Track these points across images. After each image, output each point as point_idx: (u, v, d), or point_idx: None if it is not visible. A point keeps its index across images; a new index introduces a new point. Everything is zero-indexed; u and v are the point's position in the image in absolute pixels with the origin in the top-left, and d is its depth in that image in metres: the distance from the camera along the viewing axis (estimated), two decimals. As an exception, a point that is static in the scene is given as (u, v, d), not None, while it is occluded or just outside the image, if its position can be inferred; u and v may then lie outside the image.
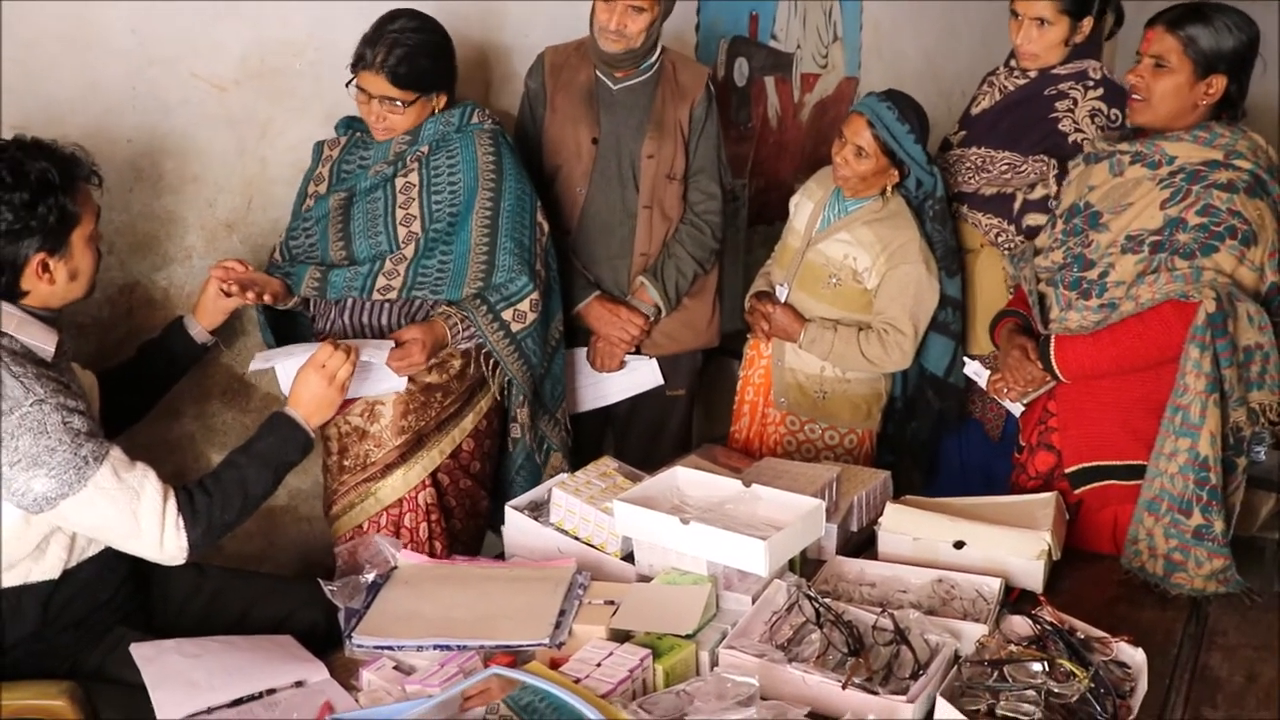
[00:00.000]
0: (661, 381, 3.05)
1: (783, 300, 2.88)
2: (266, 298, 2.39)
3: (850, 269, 2.79)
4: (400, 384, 2.43)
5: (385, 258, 2.47)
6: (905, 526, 2.18)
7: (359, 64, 2.42)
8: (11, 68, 2.24)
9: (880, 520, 2.22)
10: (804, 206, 2.92)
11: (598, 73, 2.90)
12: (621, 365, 2.99)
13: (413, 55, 2.40)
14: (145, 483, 1.89)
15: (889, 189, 2.78)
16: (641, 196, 2.91)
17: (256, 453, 2.08)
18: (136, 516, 1.88)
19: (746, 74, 4.04)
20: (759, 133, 4.16)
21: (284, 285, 2.47)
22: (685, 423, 3.19)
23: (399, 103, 2.44)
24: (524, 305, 2.51)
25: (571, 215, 2.93)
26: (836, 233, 2.82)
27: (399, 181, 2.50)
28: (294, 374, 2.21)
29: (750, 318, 2.95)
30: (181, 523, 1.92)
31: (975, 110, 3.06)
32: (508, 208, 2.51)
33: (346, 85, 2.46)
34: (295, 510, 2.97)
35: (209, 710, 1.69)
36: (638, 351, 3.01)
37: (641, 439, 3.12)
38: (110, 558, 2.01)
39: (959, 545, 2.12)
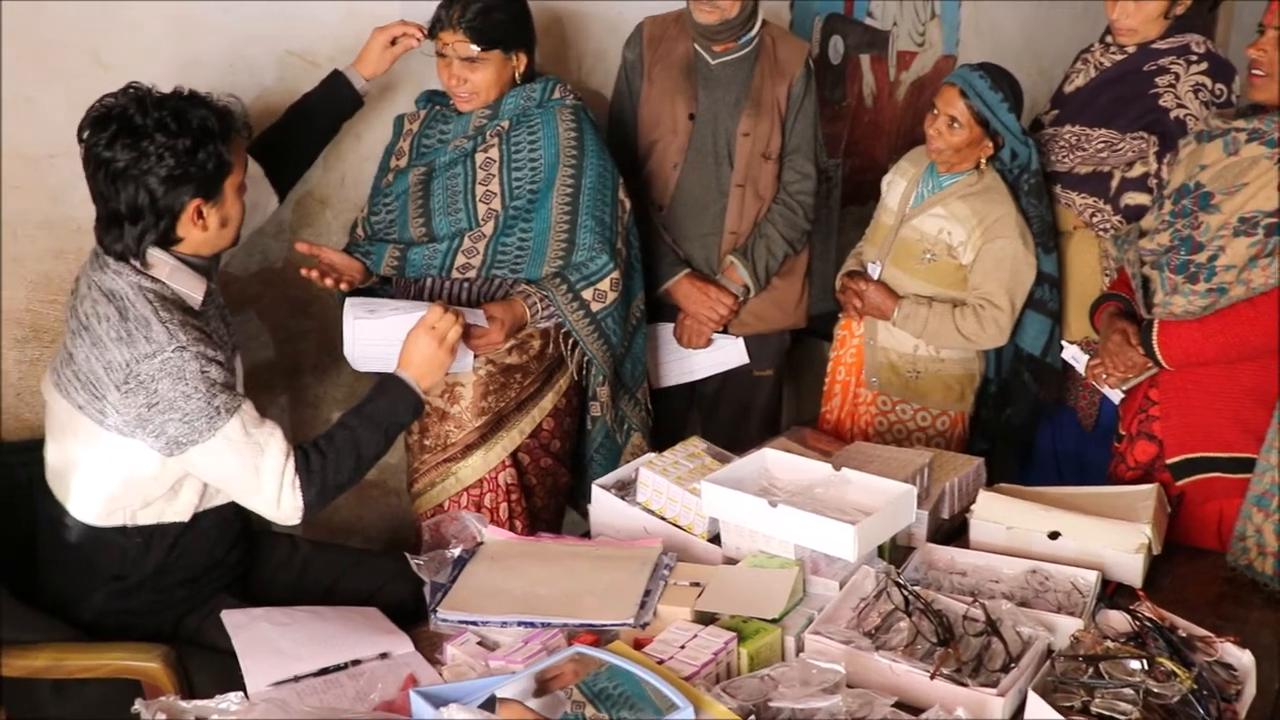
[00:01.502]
0: (747, 361, 3.02)
1: (875, 278, 2.84)
2: (344, 285, 2.41)
3: (945, 244, 2.74)
4: (470, 363, 2.41)
5: (464, 235, 2.47)
6: (998, 515, 2.12)
7: (436, 26, 2.42)
8: (118, 47, 2.29)
9: (973, 508, 2.17)
10: (897, 184, 2.88)
11: (696, 46, 2.86)
12: (708, 343, 2.97)
13: (488, 10, 2.39)
14: (271, 440, 1.93)
15: (983, 162, 2.73)
16: (735, 174, 2.87)
17: (368, 414, 2.09)
18: (259, 472, 1.92)
19: (841, 52, 3.98)
20: (853, 112, 4.09)
21: (363, 268, 2.49)
22: (773, 404, 3.15)
23: (477, 61, 2.42)
24: (604, 284, 2.49)
25: (665, 191, 2.90)
26: (931, 208, 2.77)
27: (479, 157, 2.49)
28: (364, 334, 2.23)
29: (842, 296, 2.91)
30: (298, 483, 1.95)
31: (1069, 88, 2.97)
32: (589, 185, 2.49)
33: (428, 35, 2.45)
34: (384, 484, 3.01)
35: (295, 678, 1.71)
36: (725, 330, 2.98)
37: (728, 419, 3.09)
38: (230, 515, 2.07)
39: (1054, 536, 2.05)
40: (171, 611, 2.03)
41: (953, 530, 2.25)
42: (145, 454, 1.91)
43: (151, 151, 1.86)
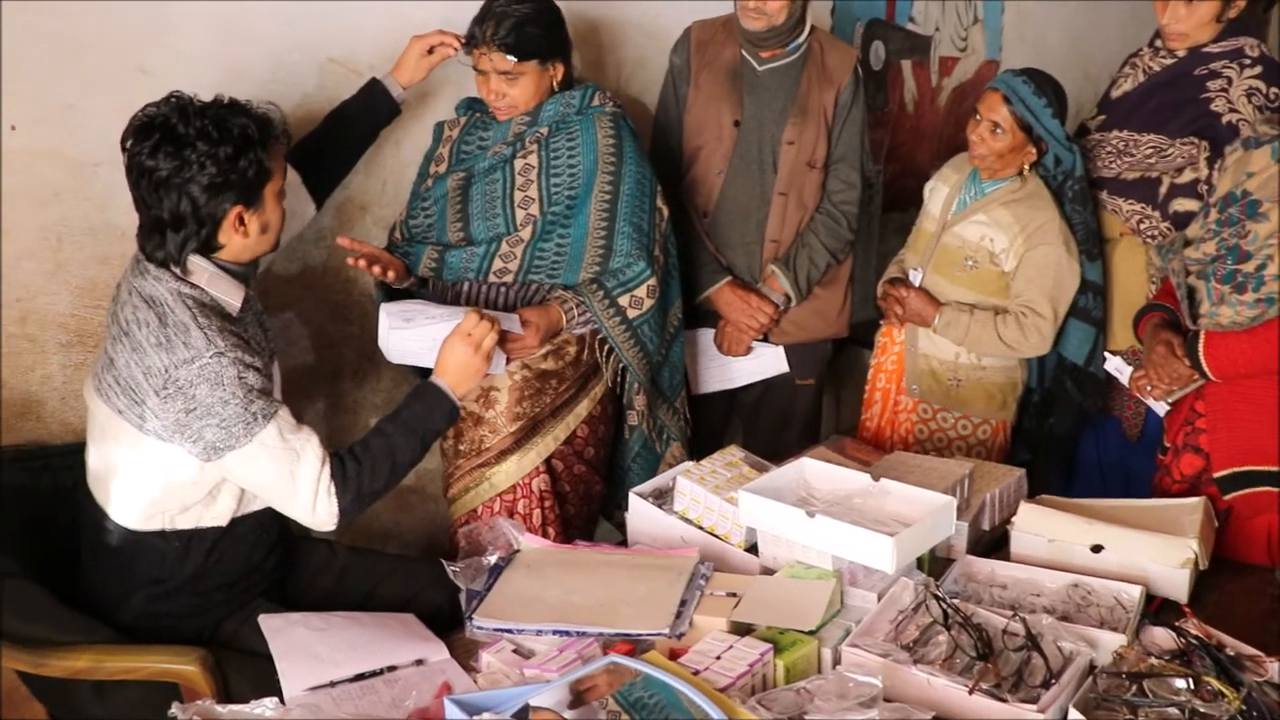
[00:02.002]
0: (786, 369, 3.00)
1: (917, 285, 2.82)
2: (390, 274, 2.42)
3: (987, 251, 2.71)
4: (503, 366, 2.41)
5: (502, 240, 2.48)
6: (1040, 527, 2.09)
7: (470, 43, 2.44)
8: (162, 54, 2.32)
9: (1013, 520, 2.14)
10: (939, 191, 2.85)
11: (743, 52, 2.84)
12: (748, 351, 2.96)
13: (521, 24, 2.40)
14: (307, 446, 1.94)
15: (1026, 168, 2.71)
16: (778, 183, 2.85)
17: (403, 421, 2.09)
18: (294, 478, 1.93)
19: (883, 58, 3.95)
20: (895, 118, 4.06)
21: (404, 265, 2.50)
22: (814, 413, 3.13)
23: (514, 75, 2.43)
24: (641, 291, 2.48)
25: (709, 198, 2.89)
26: (973, 214, 2.74)
27: (518, 163, 2.50)
28: (398, 340, 2.25)
29: (883, 303, 2.89)
30: (333, 489, 1.96)
31: (1116, 93, 2.93)
32: (627, 192, 2.49)
33: (464, 50, 2.47)
34: (422, 490, 3.02)
35: (331, 684, 1.72)
36: (765, 339, 2.96)
37: (769, 428, 3.07)
38: (267, 520, 2.08)
39: (1097, 549, 2.02)
40: (210, 615, 2.05)
41: (993, 542, 2.22)
42: (184, 459, 1.92)
43: (193, 160, 1.88)
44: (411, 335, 2.27)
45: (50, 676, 1.85)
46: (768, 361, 2.99)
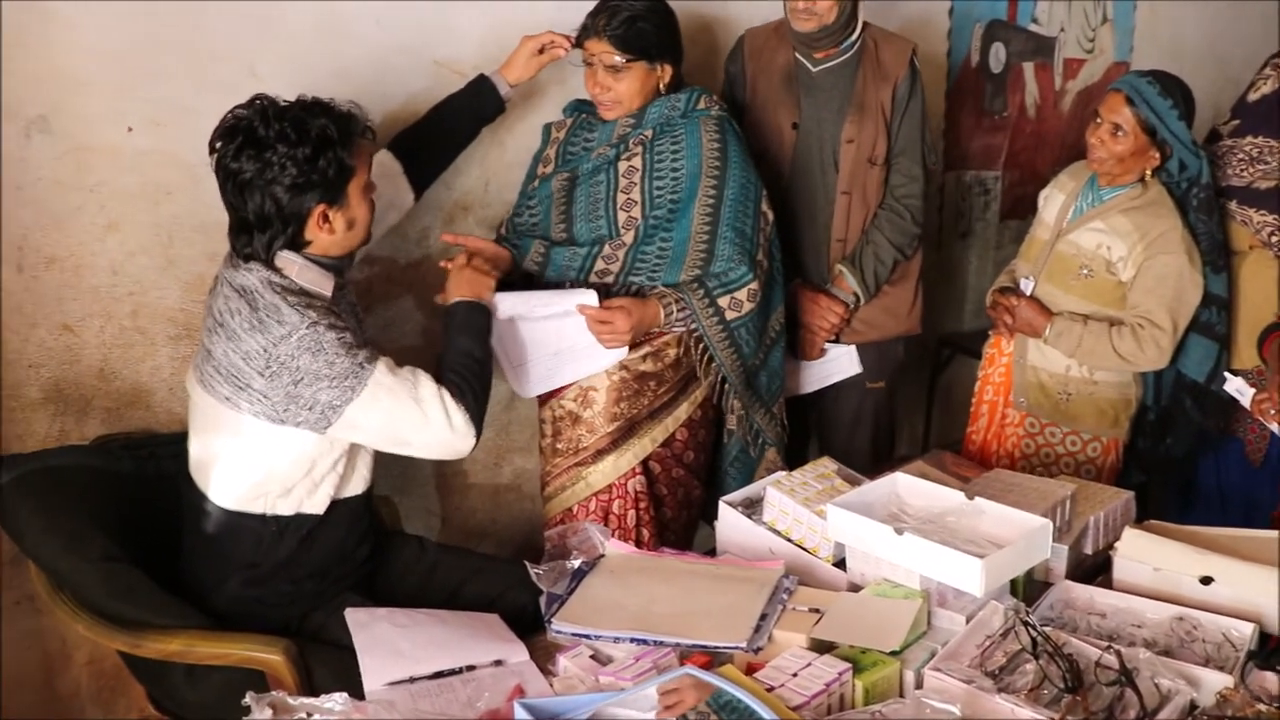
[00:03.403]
0: (859, 369, 2.95)
1: (1028, 294, 2.73)
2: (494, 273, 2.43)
3: (1104, 259, 2.61)
4: (607, 361, 2.44)
5: (604, 243, 2.48)
6: (1145, 554, 1.99)
7: (583, 34, 2.46)
8: (271, 57, 2.39)
9: (1117, 545, 2.04)
10: (1054, 198, 2.76)
11: (797, 54, 2.81)
12: (822, 354, 2.91)
13: (634, 20, 2.41)
14: (418, 373, 2.01)
15: (1149, 174, 2.60)
16: (840, 182, 2.81)
17: (455, 331, 2.18)
18: (420, 402, 1.99)
19: (1003, 60, 3.84)
20: (1015, 123, 3.94)
21: (510, 256, 2.53)
22: (884, 417, 3.06)
23: (621, 70, 2.44)
24: (741, 294, 2.46)
25: (773, 201, 2.86)
26: (1090, 221, 2.64)
27: (622, 165, 2.50)
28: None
29: (992, 312, 2.81)
30: (455, 400, 2.02)
31: (1253, 96, 2.79)
32: (731, 196, 2.47)
33: (573, 44, 2.49)
34: (519, 488, 3.05)
35: (411, 679, 1.74)
36: (837, 339, 2.92)
37: (841, 433, 3.03)
38: (360, 509, 2.14)
39: (1206, 581, 1.91)
40: (300, 605, 2.10)
41: (1096, 568, 2.12)
42: (289, 441, 1.98)
43: (274, 161, 1.93)
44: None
45: (146, 658, 1.92)
46: (840, 364, 2.94)
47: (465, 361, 2.12)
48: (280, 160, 1.92)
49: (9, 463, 2.04)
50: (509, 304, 2.35)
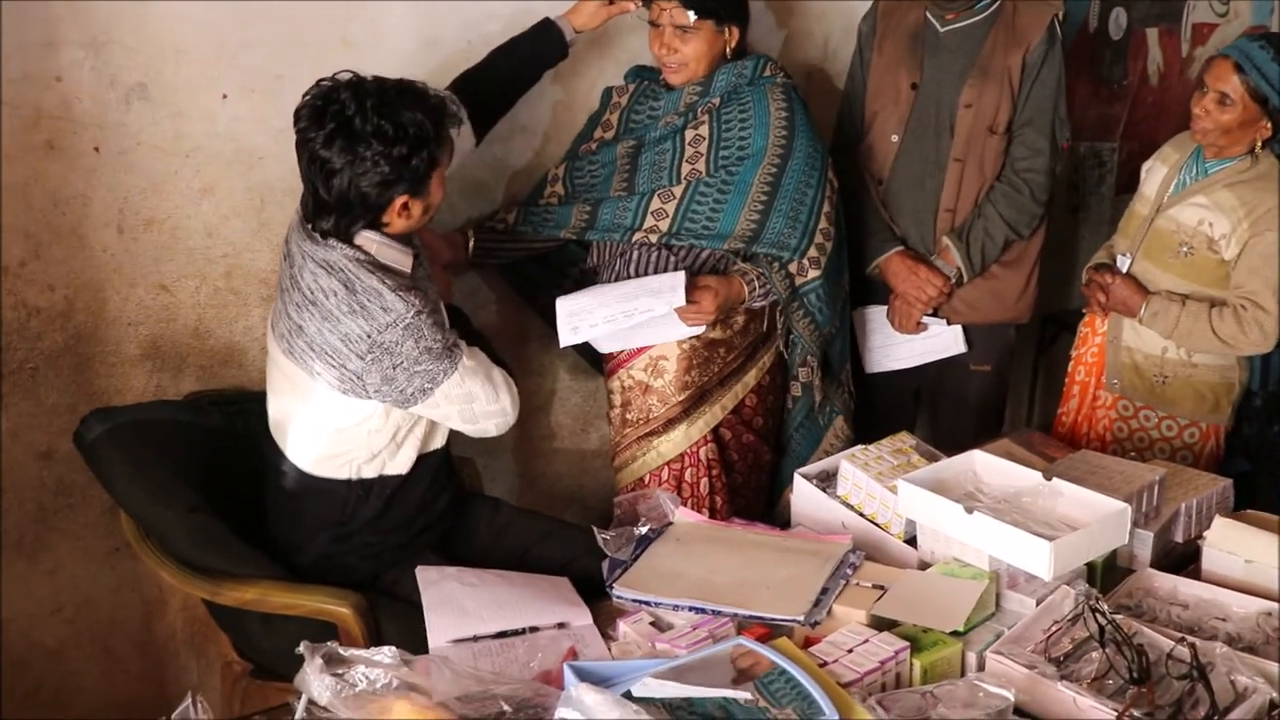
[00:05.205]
0: (963, 349, 2.85)
1: (1124, 271, 2.62)
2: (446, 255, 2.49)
3: (1205, 236, 2.49)
4: (683, 333, 2.43)
5: (655, 194, 2.46)
6: (1235, 545, 1.90)
7: None
8: (362, 27, 2.43)
9: (1206, 534, 1.95)
10: (1156, 171, 2.64)
11: (928, 13, 2.74)
12: (920, 328, 2.83)
13: None
14: (478, 353, 2.09)
15: (1259, 145, 2.47)
16: (955, 148, 2.72)
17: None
18: (492, 381, 2.08)
19: (1124, 25, 3.68)
20: (1135, 91, 3.77)
21: (455, 255, 2.54)
22: (993, 402, 2.97)
23: (689, 31, 2.41)
24: (805, 262, 2.47)
25: (884, 165, 2.80)
26: (1192, 196, 2.53)
27: (689, 133, 2.49)
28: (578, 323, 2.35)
29: (1087, 290, 2.71)
30: (510, 384, 2.13)
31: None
32: (795, 166, 2.45)
33: (644, 3, 2.45)
34: (605, 454, 3.05)
35: (475, 638, 1.77)
36: (936, 314, 2.83)
37: (945, 413, 2.96)
38: (442, 460, 2.20)
39: (1301, 576, 1.82)
40: (383, 560, 2.15)
41: (1184, 557, 2.04)
42: (375, 412, 2.02)
43: (367, 157, 1.90)
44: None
45: (226, 606, 2.00)
46: (943, 341, 2.85)
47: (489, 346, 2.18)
48: (373, 157, 1.90)
49: (103, 416, 2.12)
50: (599, 315, 2.35)
